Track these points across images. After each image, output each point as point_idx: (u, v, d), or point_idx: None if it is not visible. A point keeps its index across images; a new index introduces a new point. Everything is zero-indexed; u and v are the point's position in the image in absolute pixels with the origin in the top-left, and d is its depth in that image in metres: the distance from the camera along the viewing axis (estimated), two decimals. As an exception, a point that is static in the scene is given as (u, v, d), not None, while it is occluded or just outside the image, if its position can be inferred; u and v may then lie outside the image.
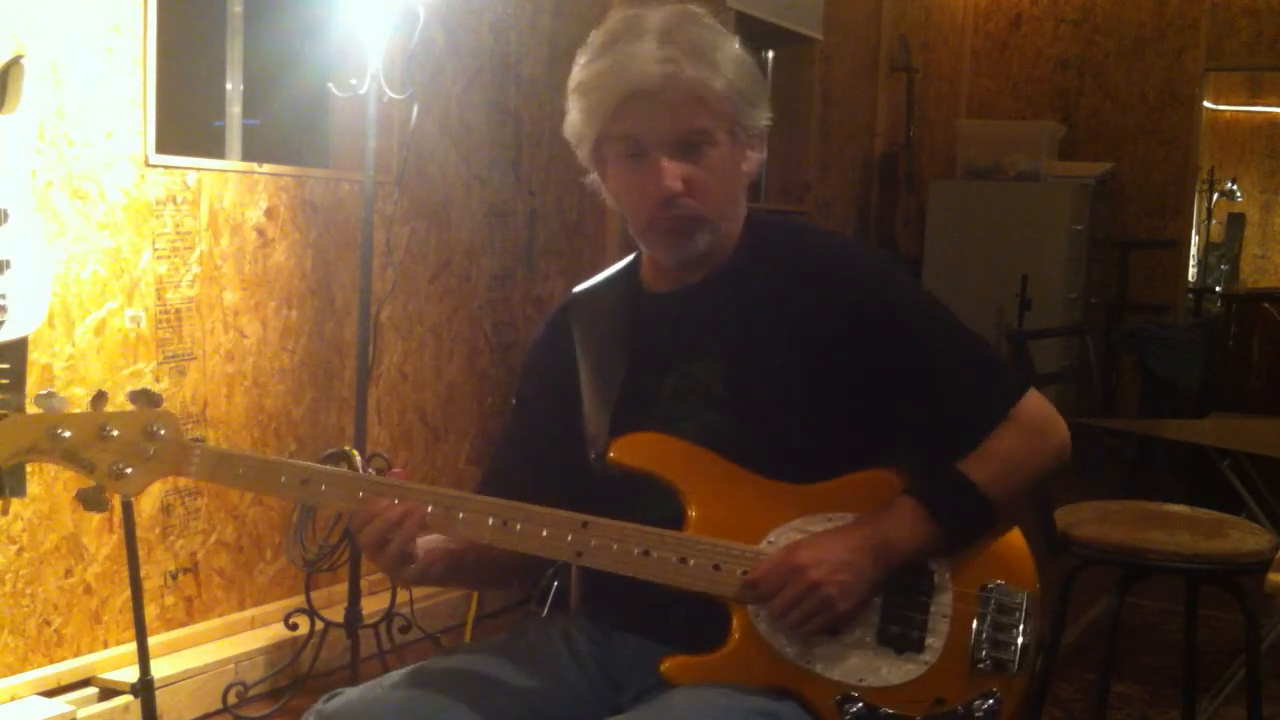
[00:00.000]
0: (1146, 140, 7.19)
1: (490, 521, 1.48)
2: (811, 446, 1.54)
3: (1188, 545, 2.53)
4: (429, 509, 1.48)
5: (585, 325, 1.69)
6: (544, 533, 1.48)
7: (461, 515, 1.49)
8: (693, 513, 1.51)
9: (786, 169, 6.17)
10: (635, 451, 1.54)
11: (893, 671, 1.49)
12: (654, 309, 1.65)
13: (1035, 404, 1.59)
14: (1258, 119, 9.12)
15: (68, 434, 1.40)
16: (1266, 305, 5.76)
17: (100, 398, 1.43)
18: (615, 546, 1.48)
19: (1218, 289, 8.27)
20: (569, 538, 1.48)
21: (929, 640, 1.50)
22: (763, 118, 1.58)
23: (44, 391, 1.45)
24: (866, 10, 6.52)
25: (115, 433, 1.43)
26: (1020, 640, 1.50)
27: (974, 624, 1.51)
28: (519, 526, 1.48)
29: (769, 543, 1.50)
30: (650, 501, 1.53)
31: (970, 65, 7.62)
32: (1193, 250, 7.80)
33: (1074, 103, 7.35)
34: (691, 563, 1.48)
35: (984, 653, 1.50)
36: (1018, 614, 1.51)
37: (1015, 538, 1.57)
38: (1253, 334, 5.76)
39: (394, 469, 1.50)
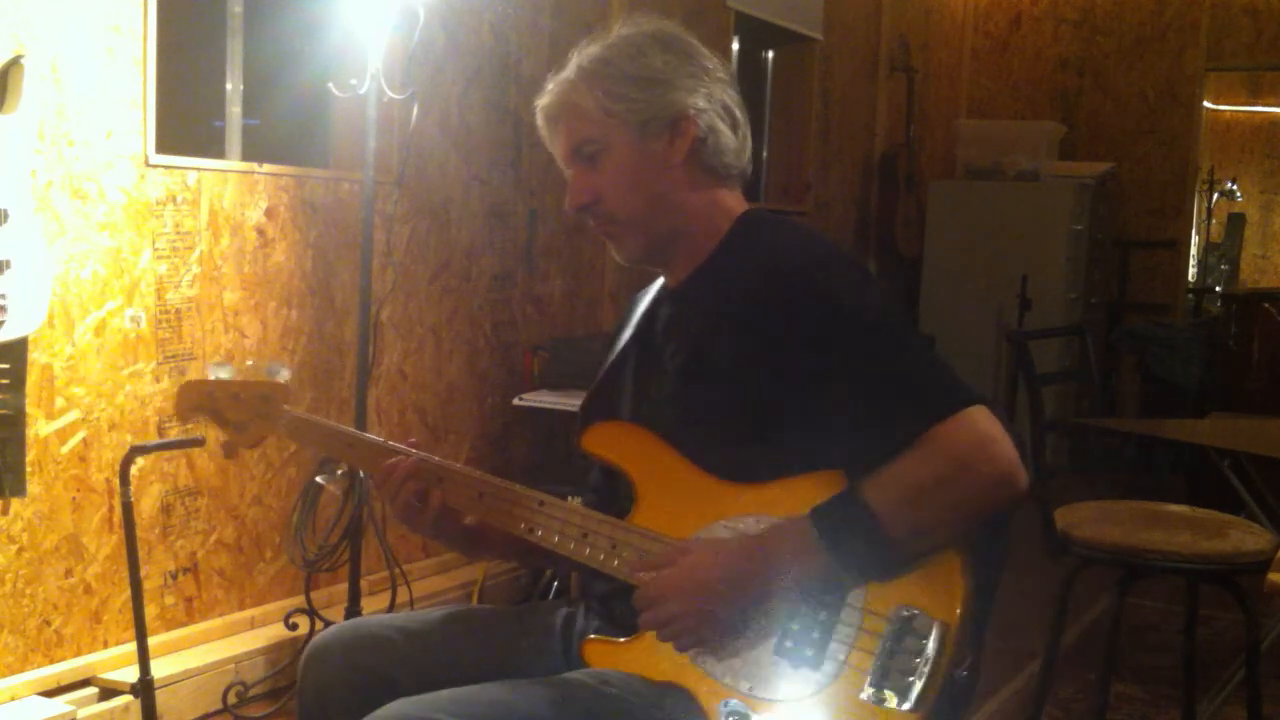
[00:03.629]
0: (1146, 140, 7.19)
1: (468, 493, 1.63)
2: (751, 447, 1.54)
3: (1188, 545, 2.53)
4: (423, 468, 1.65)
5: (623, 317, 1.79)
6: (508, 509, 1.60)
7: (448, 485, 1.64)
8: (638, 502, 1.56)
9: (786, 169, 6.17)
10: (601, 440, 1.62)
11: (783, 686, 1.43)
12: (662, 306, 1.73)
13: (968, 429, 1.42)
14: (1258, 119, 9.12)
15: (215, 394, 1.77)
16: (1266, 305, 5.75)
17: (251, 368, 1.77)
18: (559, 527, 1.57)
19: (1218, 289, 8.27)
20: (525, 515, 1.59)
21: (826, 659, 1.42)
22: (671, 104, 1.59)
23: (216, 362, 1.83)
24: (866, 10, 6.52)
25: (242, 397, 1.76)
26: (918, 676, 1.38)
27: (874, 650, 1.41)
28: (488, 501, 1.62)
29: (697, 538, 1.52)
30: (627, 491, 1.60)
31: (970, 65, 7.62)
32: (1193, 250, 7.80)
33: (1074, 103, 7.35)
34: (619, 550, 1.54)
35: (872, 681, 1.40)
36: (923, 646, 1.39)
37: (951, 562, 1.43)
38: (1253, 334, 5.76)
39: (409, 439, 1.64)
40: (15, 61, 2.61)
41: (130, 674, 2.77)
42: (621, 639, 1.53)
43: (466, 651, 1.66)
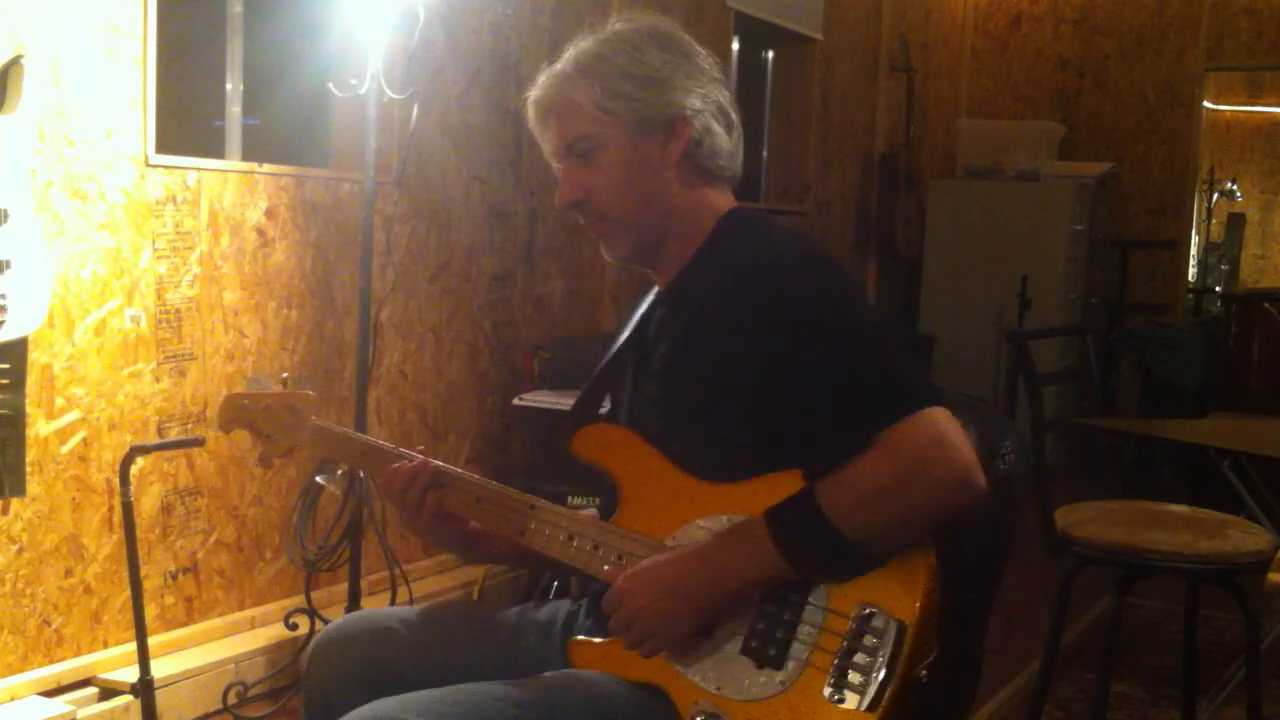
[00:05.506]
0: (1146, 140, 7.19)
1: (466, 497, 1.65)
2: (725, 447, 1.54)
3: (1188, 545, 2.53)
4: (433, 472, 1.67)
5: (623, 320, 1.79)
6: (501, 512, 1.63)
7: (448, 489, 1.66)
8: (621, 504, 1.58)
9: (786, 169, 6.17)
10: (589, 443, 1.63)
11: (750, 685, 1.43)
12: (655, 308, 1.73)
13: (924, 430, 1.40)
14: (1258, 119, 9.12)
15: (249, 407, 1.82)
16: (1266, 305, 5.75)
17: (285, 381, 1.85)
18: (548, 530, 1.60)
19: (1218, 289, 8.27)
20: (516, 518, 1.61)
21: (789, 659, 1.42)
22: (668, 105, 1.58)
23: (254, 376, 1.89)
24: (866, 10, 6.52)
25: (272, 409, 1.81)
26: (875, 676, 1.37)
27: (835, 649, 1.40)
28: (484, 505, 1.64)
29: (673, 539, 1.52)
30: (615, 494, 1.61)
31: (970, 65, 7.62)
32: (1193, 250, 7.80)
33: (1074, 103, 7.35)
34: (600, 552, 1.56)
35: (831, 681, 1.39)
36: (882, 644, 1.38)
37: (915, 559, 1.42)
38: (1253, 334, 5.75)
39: (418, 447, 1.77)
40: (15, 61, 2.61)
41: (130, 674, 2.77)
42: (601, 639, 1.54)
43: (469, 648, 1.67)
